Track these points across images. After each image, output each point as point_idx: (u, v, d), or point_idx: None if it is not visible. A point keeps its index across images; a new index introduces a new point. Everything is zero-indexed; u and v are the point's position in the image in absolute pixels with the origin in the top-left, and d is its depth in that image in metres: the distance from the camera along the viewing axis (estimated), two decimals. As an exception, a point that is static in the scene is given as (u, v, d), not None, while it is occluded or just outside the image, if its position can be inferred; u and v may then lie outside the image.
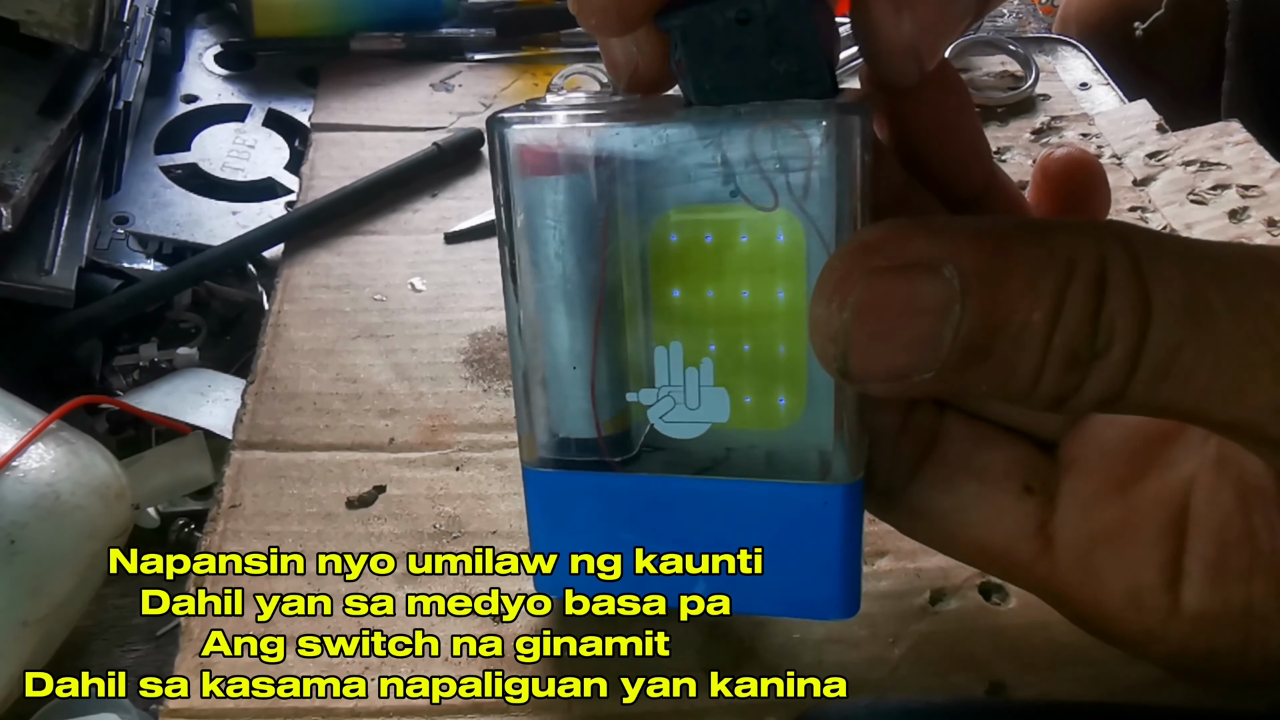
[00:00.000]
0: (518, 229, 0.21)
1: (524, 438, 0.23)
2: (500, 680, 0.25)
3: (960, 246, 0.18)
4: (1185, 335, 0.18)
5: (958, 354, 0.18)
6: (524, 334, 0.22)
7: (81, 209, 0.37)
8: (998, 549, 0.24)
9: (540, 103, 0.22)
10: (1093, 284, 0.18)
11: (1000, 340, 0.18)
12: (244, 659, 0.25)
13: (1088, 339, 0.18)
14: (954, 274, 0.18)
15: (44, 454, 0.28)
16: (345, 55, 0.49)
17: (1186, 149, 0.44)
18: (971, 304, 0.18)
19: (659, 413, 0.22)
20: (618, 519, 0.23)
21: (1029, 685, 0.25)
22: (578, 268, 0.21)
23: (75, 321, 0.36)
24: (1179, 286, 0.18)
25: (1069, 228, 0.19)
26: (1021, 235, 0.19)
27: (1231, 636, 0.22)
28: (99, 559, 0.28)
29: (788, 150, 0.20)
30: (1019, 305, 0.18)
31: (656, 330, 0.22)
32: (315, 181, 0.41)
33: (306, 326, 0.35)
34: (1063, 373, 0.19)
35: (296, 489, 0.29)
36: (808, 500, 0.22)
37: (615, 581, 0.24)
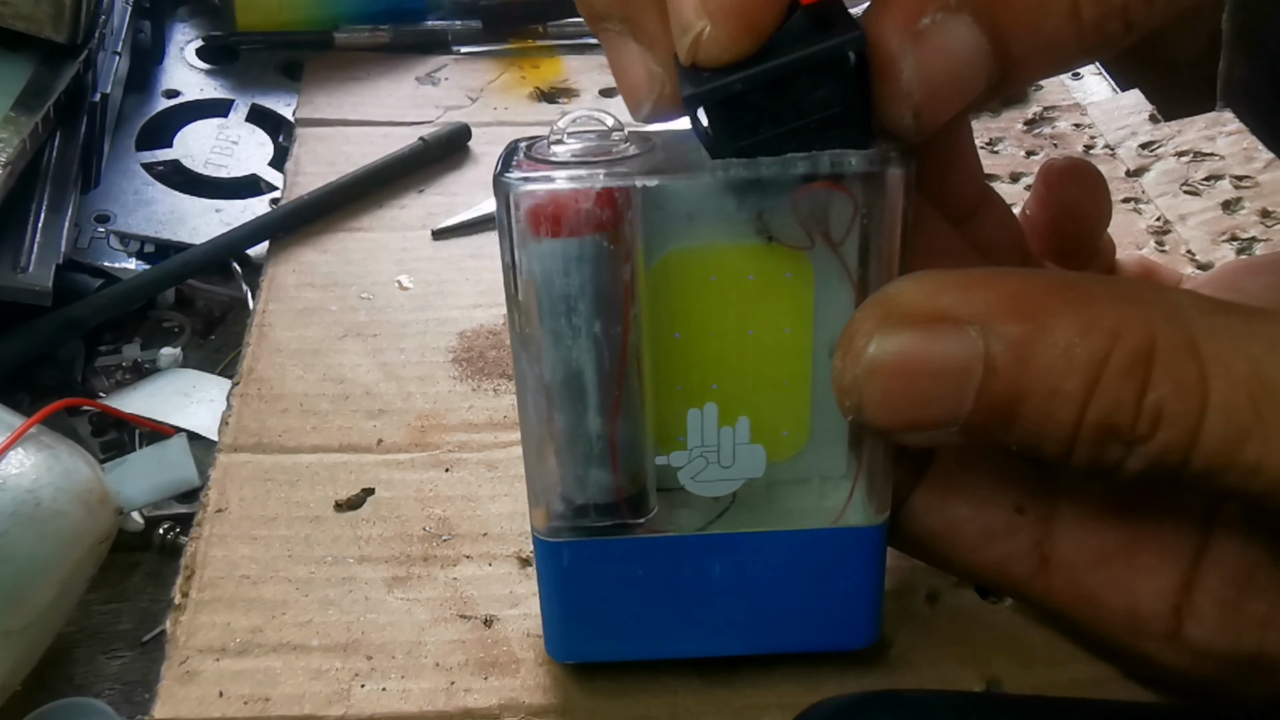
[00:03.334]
0: (529, 294, 0.19)
1: (535, 510, 0.22)
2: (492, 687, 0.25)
3: (990, 304, 0.18)
4: (1250, 427, 0.17)
5: (980, 414, 0.18)
6: (536, 404, 0.20)
7: (59, 205, 0.36)
8: (991, 568, 0.24)
9: (543, 148, 0.20)
10: (1136, 361, 0.17)
11: (1027, 406, 0.18)
12: (231, 667, 0.25)
13: (1128, 419, 0.17)
14: (980, 334, 0.18)
15: (24, 459, 0.27)
16: (329, 49, 0.48)
17: (1179, 139, 0.44)
18: (996, 365, 0.18)
19: (690, 473, 0.21)
20: (638, 580, 0.22)
21: (1026, 682, 0.25)
22: (602, 333, 0.20)
23: (56, 322, 0.35)
24: (1242, 373, 0.17)
25: (1114, 296, 0.18)
26: (1060, 296, 0.18)
27: (1237, 673, 0.22)
28: (82, 565, 0.28)
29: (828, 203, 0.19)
30: (1049, 372, 0.17)
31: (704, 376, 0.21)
32: (300, 178, 0.40)
33: (292, 326, 0.34)
34: (1098, 447, 0.18)
35: (284, 492, 0.29)
36: (841, 542, 0.22)
37: (637, 644, 0.23)
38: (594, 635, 0.23)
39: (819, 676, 0.25)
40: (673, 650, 0.24)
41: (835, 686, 0.25)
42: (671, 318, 0.20)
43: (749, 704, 0.25)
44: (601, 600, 0.22)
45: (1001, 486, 0.23)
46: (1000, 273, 0.19)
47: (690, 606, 0.23)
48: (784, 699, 0.25)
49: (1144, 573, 0.22)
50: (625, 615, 0.23)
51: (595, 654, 0.24)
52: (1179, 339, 0.17)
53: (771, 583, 0.22)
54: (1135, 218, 0.40)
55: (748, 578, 0.22)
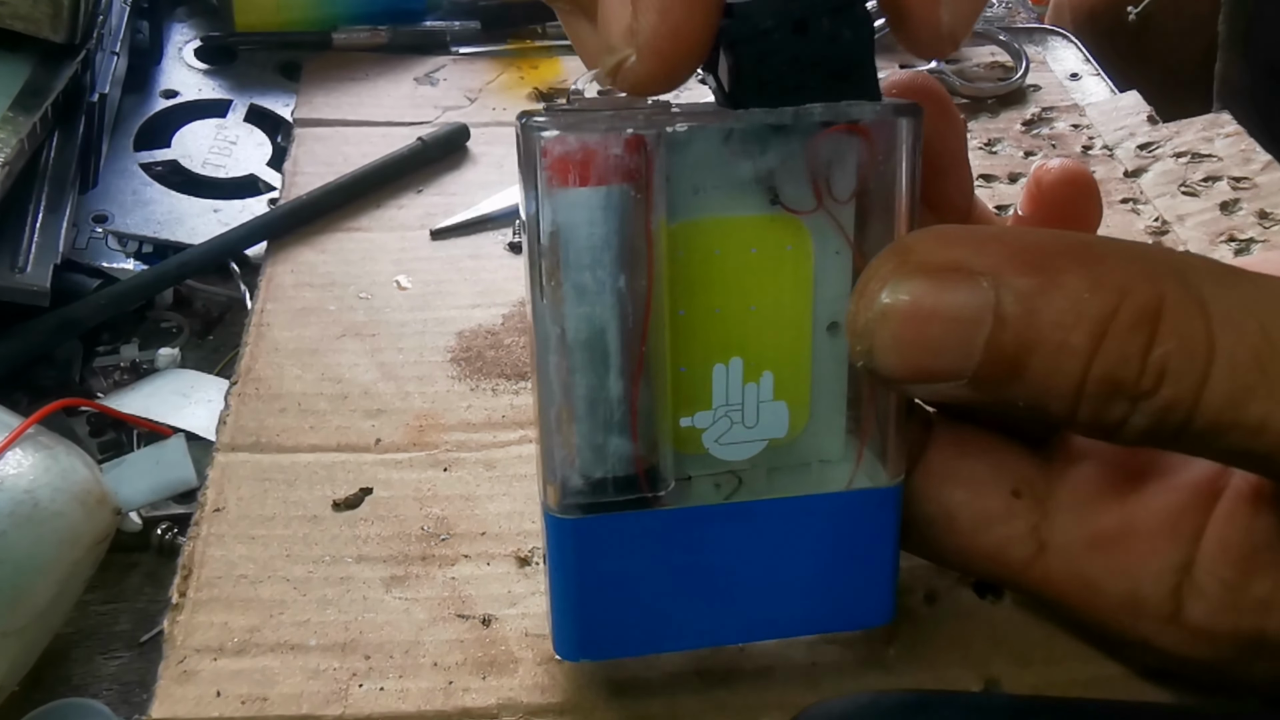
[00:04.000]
0: (554, 246, 0.19)
1: (549, 486, 0.21)
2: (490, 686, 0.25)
3: (1003, 257, 0.18)
4: (1255, 385, 0.17)
5: (989, 365, 0.18)
6: (556, 366, 0.19)
7: (57, 205, 0.36)
8: (988, 554, 0.23)
9: (564, 104, 0.20)
10: (1143, 317, 0.17)
11: (1034, 358, 0.18)
12: (228, 666, 0.25)
13: (1133, 373, 0.18)
14: (991, 285, 0.18)
15: (22, 459, 0.27)
16: (327, 49, 0.48)
17: (1177, 140, 0.44)
18: (1006, 315, 0.18)
19: (714, 435, 0.21)
20: (654, 561, 0.21)
21: (1024, 681, 0.25)
22: (627, 287, 0.19)
23: (54, 322, 0.35)
24: (1251, 332, 0.17)
25: (1125, 254, 0.18)
26: (1072, 254, 0.18)
27: (1236, 653, 0.22)
28: (80, 566, 0.28)
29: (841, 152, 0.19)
30: (1057, 325, 0.18)
31: (712, 346, 0.20)
32: (298, 178, 0.40)
33: (290, 326, 0.34)
34: (1102, 402, 0.18)
35: (281, 492, 0.29)
36: (854, 506, 0.22)
37: (652, 637, 0.22)
38: (607, 628, 0.22)
39: (817, 676, 0.25)
40: (689, 641, 0.23)
41: (834, 687, 0.25)
42: (676, 291, 0.20)
43: (748, 704, 0.25)
44: (616, 586, 0.21)
45: (998, 471, 0.23)
46: (1013, 230, 0.19)
47: (707, 590, 0.22)
48: (783, 699, 0.25)
49: (1142, 555, 0.22)
50: (640, 603, 0.22)
51: (608, 650, 0.22)
52: (1187, 298, 0.18)
53: (787, 557, 0.22)
54: (1133, 218, 0.40)
55: (764, 553, 0.22)
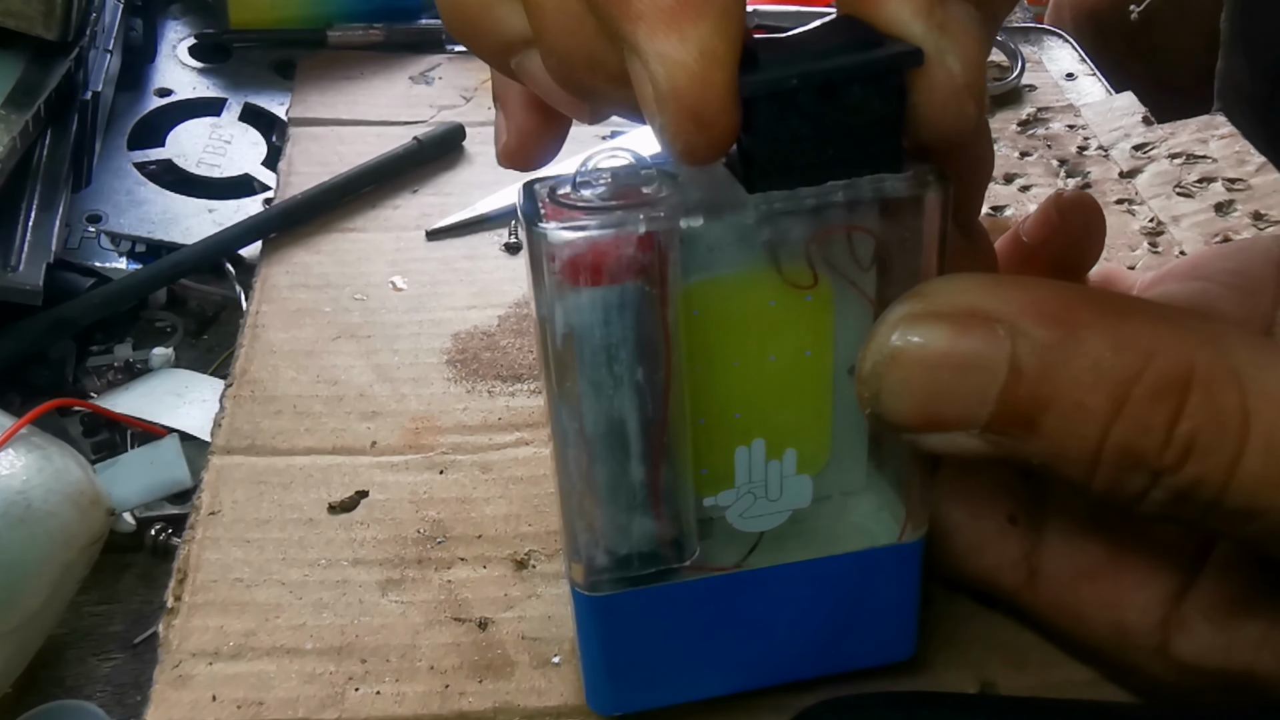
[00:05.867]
0: (568, 347, 0.18)
1: (574, 565, 0.21)
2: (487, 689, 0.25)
3: (1022, 306, 0.17)
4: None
5: (1001, 419, 0.17)
6: (576, 458, 0.19)
7: (50, 204, 0.36)
8: (982, 576, 0.24)
9: (569, 191, 0.19)
10: (1170, 385, 0.16)
11: (1049, 416, 0.17)
12: (224, 670, 0.25)
13: (1155, 445, 0.17)
14: (1008, 334, 0.17)
15: (14, 460, 0.27)
16: (322, 47, 0.48)
17: (1173, 141, 0.44)
18: (1021, 368, 0.17)
19: (739, 511, 0.21)
20: (682, 623, 0.22)
21: (1020, 684, 0.25)
22: (645, 380, 0.19)
23: (47, 321, 0.35)
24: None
25: (1153, 316, 0.17)
26: (1095, 309, 0.17)
27: (1225, 687, 0.22)
28: (73, 567, 0.28)
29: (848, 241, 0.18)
30: (1075, 383, 0.16)
31: (732, 423, 0.20)
32: (293, 178, 0.40)
33: (285, 327, 0.34)
34: (1120, 472, 0.17)
35: (277, 494, 0.29)
36: (885, 561, 0.22)
37: (681, 688, 0.23)
38: (638, 684, 0.23)
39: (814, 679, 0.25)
40: (716, 688, 0.23)
41: (830, 689, 0.25)
42: (693, 350, 0.19)
43: (746, 704, 0.25)
44: (645, 648, 0.22)
45: (996, 494, 0.24)
46: (1034, 279, 0.18)
47: (733, 643, 0.22)
48: (780, 700, 0.25)
49: (1129, 588, 0.22)
50: (669, 660, 0.22)
51: (640, 703, 0.23)
52: (1221, 367, 0.16)
53: (812, 609, 0.22)
54: (1129, 219, 0.40)
55: (788, 607, 0.22)
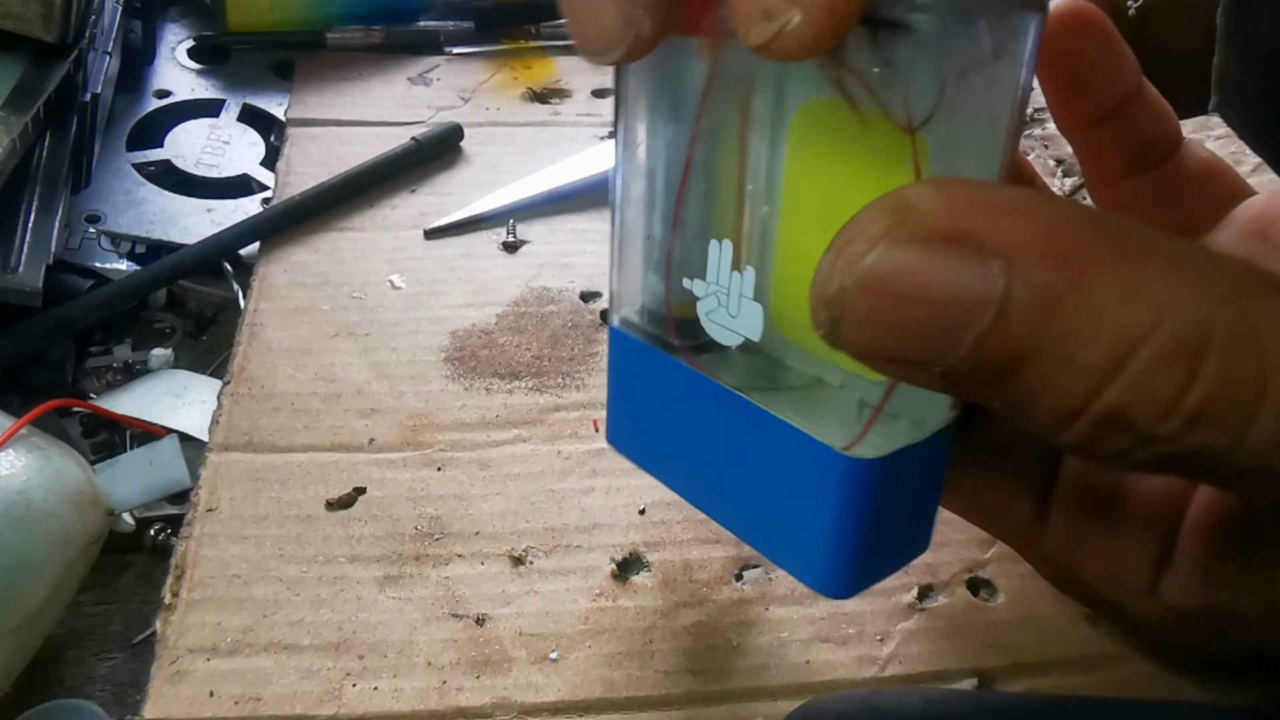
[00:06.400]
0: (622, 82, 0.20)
1: (612, 294, 0.22)
2: (484, 685, 0.25)
3: (1025, 238, 0.14)
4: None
5: (972, 362, 0.15)
6: (623, 194, 0.21)
7: (49, 205, 0.36)
8: (994, 510, 0.23)
9: None
10: (1184, 348, 0.14)
11: (1031, 368, 0.15)
12: (221, 666, 0.25)
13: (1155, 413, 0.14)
14: (1003, 270, 0.14)
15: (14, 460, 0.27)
16: (321, 49, 0.48)
17: (1169, 139, 0.44)
18: (1011, 314, 0.14)
19: (705, 308, 0.21)
20: (672, 404, 0.22)
21: (1017, 681, 0.25)
22: (677, 140, 0.20)
23: (46, 323, 0.35)
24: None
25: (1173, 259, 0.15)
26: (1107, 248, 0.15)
27: (1208, 628, 0.22)
28: (73, 567, 0.28)
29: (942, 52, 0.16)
30: (1070, 333, 0.14)
31: (716, 220, 0.20)
32: (291, 178, 0.40)
33: (283, 325, 0.34)
34: (1102, 431, 0.15)
35: (274, 491, 0.29)
36: (819, 464, 0.19)
37: (661, 466, 0.23)
38: (634, 435, 0.23)
39: (811, 674, 0.25)
40: (685, 492, 0.23)
41: (826, 685, 0.25)
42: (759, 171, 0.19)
43: (741, 701, 0.25)
44: (644, 405, 0.23)
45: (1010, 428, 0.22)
46: (1043, 201, 0.15)
47: (706, 455, 0.22)
48: (776, 698, 0.25)
49: (1128, 532, 0.22)
50: (659, 431, 0.23)
51: (632, 454, 0.24)
52: (1242, 327, 0.14)
53: (758, 469, 0.21)
54: (1125, 217, 0.40)
55: (743, 452, 0.21)
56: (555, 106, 0.46)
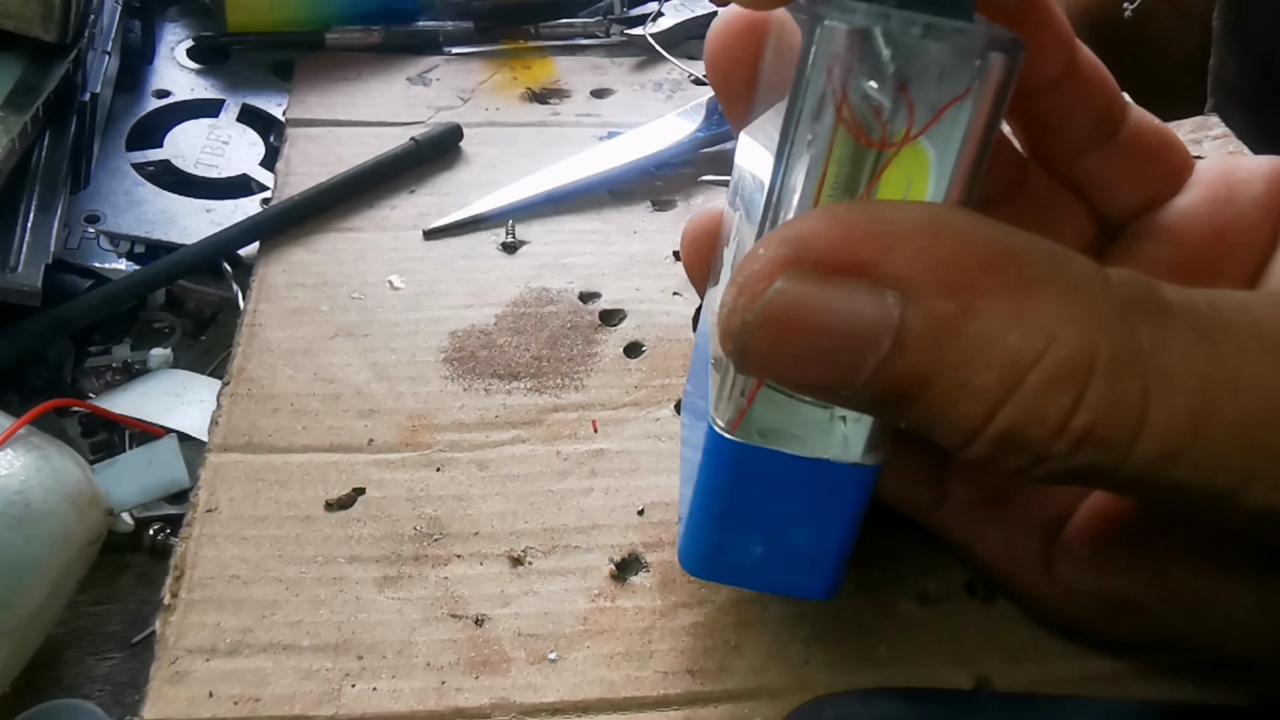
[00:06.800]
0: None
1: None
2: (483, 686, 0.25)
3: (917, 268, 0.15)
4: (1184, 450, 0.15)
5: (874, 387, 0.16)
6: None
7: (48, 205, 0.36)
8: (900, 497, 0.25)
9: None
10: (1071, 373, 0.15)
11: (929, 392, 0.15)
12: (221, 667, 0.25)
13: (1046, 435, 0.15)
14: (897, 302, 0.15)
15: (13, 460, 0.27)
16: (320, 49, 0.48)
17: (1167, 140, 0.44)
18: (906, 341, 0.15)
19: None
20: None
21: (1016, 679, 0.26)
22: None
23: (45, 322, 0.35)
24: (1187, 394, 0.15)
25: (1061, 283, 0.15)
26: (998, 275, 0.15)
27: (1107, 612, 0.23)
28: (72, 567, 0.28)
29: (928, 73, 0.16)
30: (965, 360, 0.15)
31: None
32: (291, 178, 0.40)
33: (282, 326, 0.34)
34: (1000, 450, 0.16)
35: (274, 492, 0.29)
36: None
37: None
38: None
39: (810, 674, 0.25)
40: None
41: (825, 685, 0.25)
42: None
43: (740, 702, 0.25)
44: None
45: None
46: (935, 227, 0.16)
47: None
48: (774, 697, 0.25)
49: (1018, 511, 0.23)
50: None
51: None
52: (1126, 351, 0.15)
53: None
54: (1124, 218, 0.41)
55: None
56: (555, 107, 0.46)
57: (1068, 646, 0.26)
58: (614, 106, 0.46)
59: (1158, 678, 0.25)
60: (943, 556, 0.28)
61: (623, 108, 0.46)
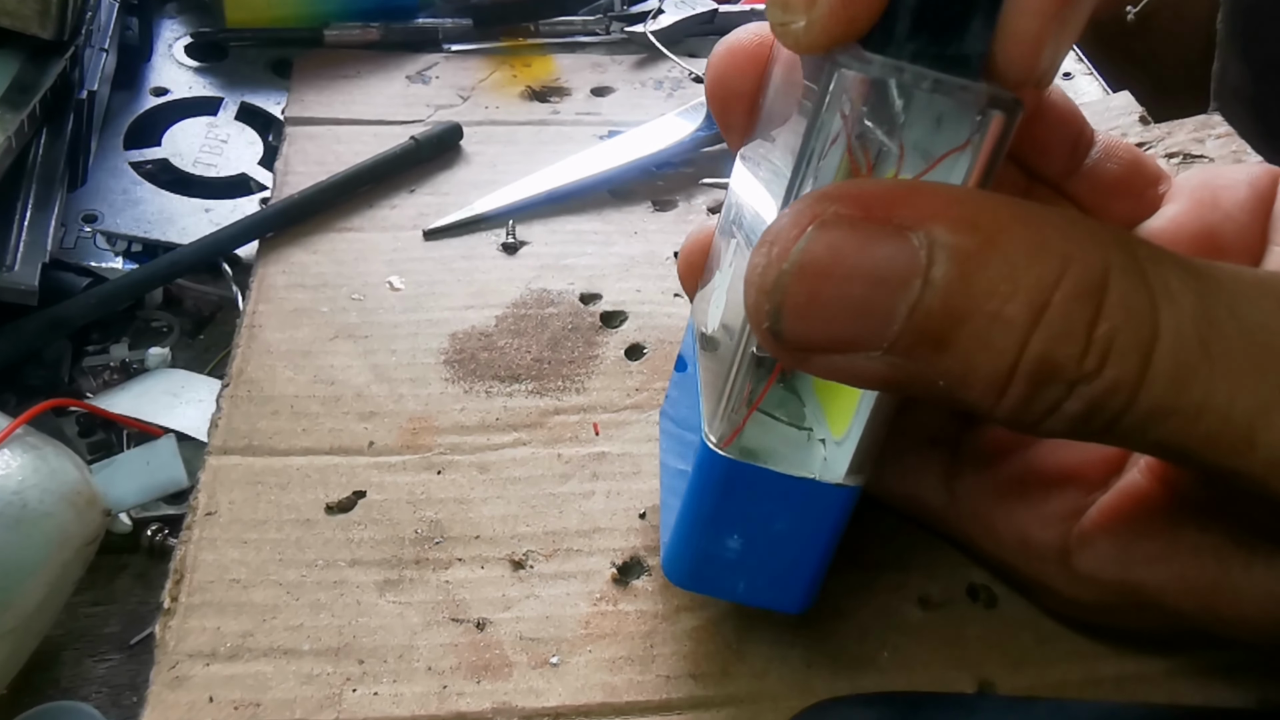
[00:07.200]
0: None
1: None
2: (484, 690, 0.25)
3: (936, 210, 0.16)
4: (1198, 365, 0.16)
5: (909, 335, 0.16)
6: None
7: (45, 203, 0.36)
8: (906, 497, 0.25)
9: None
10: (1089, 288, 0.16)
11: (963, 331, 0.16)
12: (221, 671, 0.25)
13: (1076, 350, 0.16)
14: (923, 242, 0.16)
15: (10, 460, 0.27)
16: (319, 46, 0.48)
17: (1169, 141, 0.44)
18: (936, 280, 0.16)
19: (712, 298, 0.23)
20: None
21: (1018, 684, 0.25)
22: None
23: (42, 321, 0.35)
24: (1190, 309, 0.16)
25: (1066, 219, 0.17)
26: (1011, 214, 0.16)
27: (1122, 603, 0.23)
28: (69, 567, 0.28)
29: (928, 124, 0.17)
30: (993, 293, 0.16)
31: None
32: (290, 177, 0.40)
33: (282, 327, 0.34)
34: (1034, 386, 0.16)
35: (274, 495, 0.29)
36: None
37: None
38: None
39: (812, 678, 0.25)
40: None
41: (827, 689, 0.25)
42: None
43: (743, 707, 0.25)
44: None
45: (918, 416, 0.24)
46: (948, 185, 0.17)
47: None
48: (777, 702, 0.25)
49: (1035, 504, 0.23)
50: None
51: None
52: (1133, 267, 0.16)
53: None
54: (1125, 220, 0.41)
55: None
56: (555, 105, 0.46)
57: (1070, 650, 0.26)
58: (614, 105, 0.46)
59: (1160, 681, 0.25)
60: (944, 561, 0.28)
61: (623, 106, 0.46)
